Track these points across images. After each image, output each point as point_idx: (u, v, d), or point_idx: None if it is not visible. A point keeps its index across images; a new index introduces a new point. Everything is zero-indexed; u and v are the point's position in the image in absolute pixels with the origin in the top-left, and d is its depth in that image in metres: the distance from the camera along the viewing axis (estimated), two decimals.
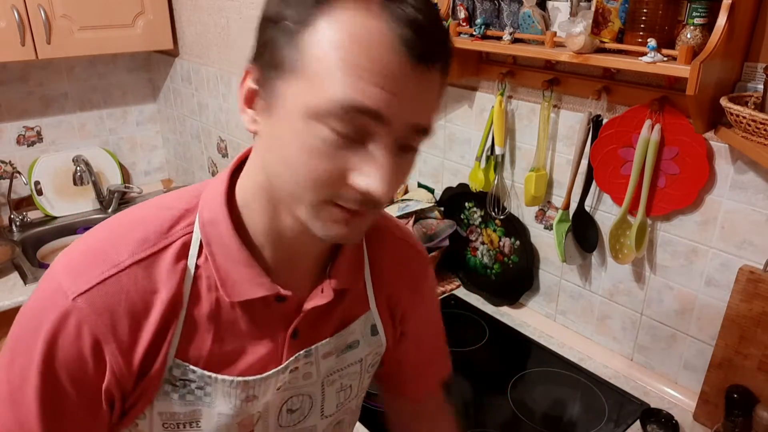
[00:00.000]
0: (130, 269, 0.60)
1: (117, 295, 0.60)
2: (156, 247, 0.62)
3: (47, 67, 2.24)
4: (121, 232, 0.63)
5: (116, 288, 0.60)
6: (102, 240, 0.63)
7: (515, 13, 1.33)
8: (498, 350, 1.55)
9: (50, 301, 0.60)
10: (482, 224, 1.73)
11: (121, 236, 0.62)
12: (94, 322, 0.59)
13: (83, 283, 0.59)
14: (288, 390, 0.71)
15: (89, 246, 0.63)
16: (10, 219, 2.22)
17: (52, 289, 0.60)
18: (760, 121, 0.97)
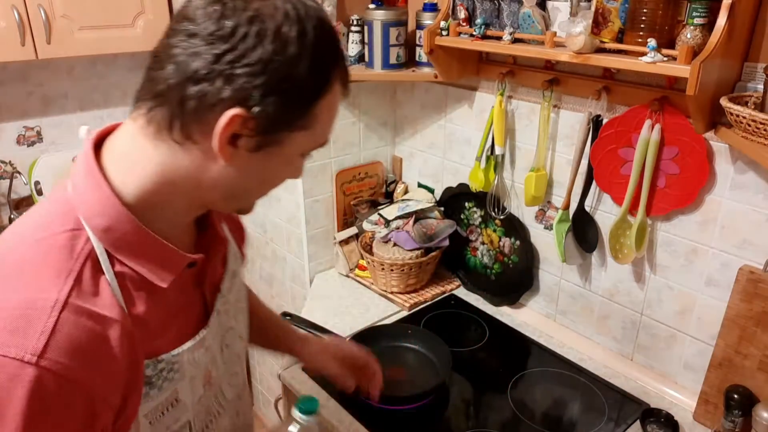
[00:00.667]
0: (68, 306, 0.58)
1: (73, 334, 0.57)
2: (71, 276, 0.60)
3: (47, 67, 2.24)
4: (20, 276, 0.59)
5: (68, 328, 0.57)
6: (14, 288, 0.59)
7: (515, 13, 1.33)
8: (498, 350, 1.55)
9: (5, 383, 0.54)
10: (482, 224, 1.73)
11: (25, 279, 0.59)
12: (73, 371, 0.56)
13: (34, 340, 0.55)
14: (222, 327, 0.80)
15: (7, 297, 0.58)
16: (10, 219, 2.22)
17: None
18: (760, 121, 0.97)
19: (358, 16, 1.65)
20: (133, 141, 0.64)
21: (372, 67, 1.64)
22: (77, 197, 0.64)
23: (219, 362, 0.80)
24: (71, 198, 0.64)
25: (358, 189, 1.93)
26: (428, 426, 1.30)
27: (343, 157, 1.86)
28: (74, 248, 0.61)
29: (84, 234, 0.62)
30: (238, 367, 0.87)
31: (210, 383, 0.78)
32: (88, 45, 1.98)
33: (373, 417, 1.29)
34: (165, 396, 0.69)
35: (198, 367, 0.74)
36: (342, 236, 1.86)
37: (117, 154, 0.65)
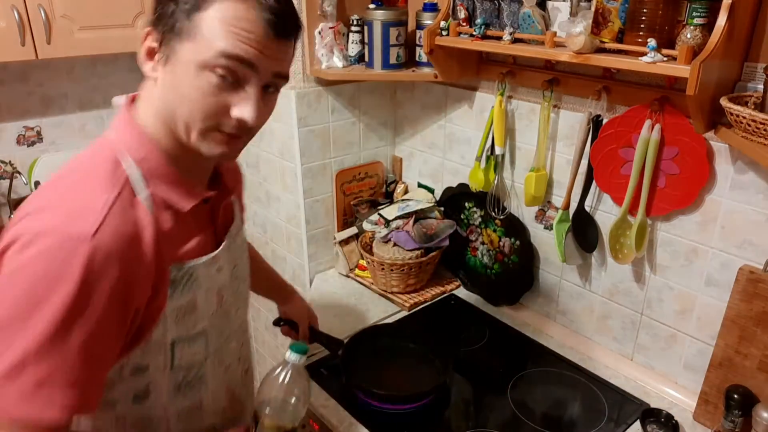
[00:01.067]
0: (113, 207, 0.74)
1: (117, 226, 0.74)
2: (116, 188, 0.76)
3: (47, 67, 2.24)
4: (79, 186, 0.77)
5: (115, 220, 0.74)
6: (68, 195, 0.76)
7: (515, 13, 1.33)
8: (498, 350, 1.55)
9: (67, 252, 0.70)
10: (482, 224, 1.73)
11: (82, 187, 0.76)
12: (117, 252, 0.73)
13: (90, 224, 0.72)
14: (230, 262, 0.95)
15: (61, 200, 0.75)
16: (10, 219, 2.22)
17: (59, 245, 0.70)
18: (760, 121, 0.97)
19: (358, 16, 1.65)
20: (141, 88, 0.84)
21: (372, 67, 1.64)
22: (117, 138, 0.81)
23: (229, 290, 0.96)
24: (112, 140, 0.81)
25: (358, 189, 1.93)
26: (428, 426, 1.30)
27: (343, 157, 1.86)
28: (116, 172, 0.78)
29: (122, 165, 0.79)
30: (243, 307, 1.04)
31: (222, 305, 0.93)
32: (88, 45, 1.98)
33: (373, 417, 1.29)
34: (186, 299, 0.85)
35: (212, 282, 0.89)
36: (342, 236, 1.86)
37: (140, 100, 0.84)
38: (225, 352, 0.97)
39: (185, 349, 0.88)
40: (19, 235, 0.72)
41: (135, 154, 0.80)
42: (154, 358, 0.85)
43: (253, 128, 0.81)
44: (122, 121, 0.83)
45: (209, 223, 0.91)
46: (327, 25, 1.63)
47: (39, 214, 0.74)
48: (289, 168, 1.80)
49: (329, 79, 1.70)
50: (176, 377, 0.89)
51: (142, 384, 0.86)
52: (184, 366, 0.89)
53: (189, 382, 0.91)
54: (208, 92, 0.75)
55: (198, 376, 0.92)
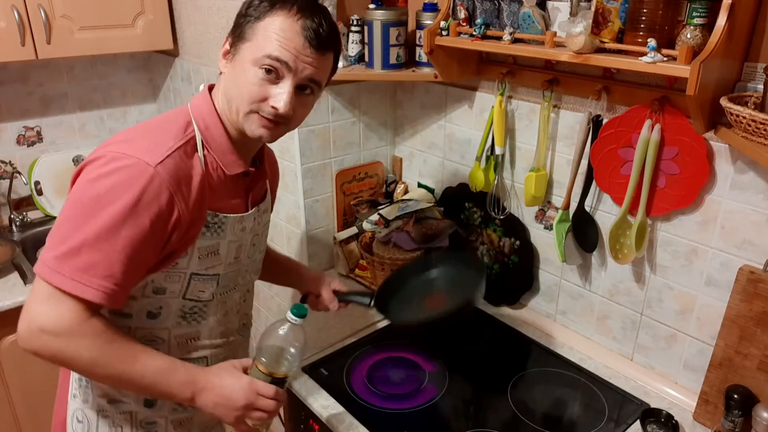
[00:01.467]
0: (176, 151, 0.97)
1: (176, 165, 0.96)
2: (182, 140, 0.99)
3: (47, 67, 2.24)
4: (156, 131, 1.00)
5: (175, 161, 0.96)
6: (146, 135, 0.99)
7: (515, 13, 1.33)
8: (498, 350, 1.55)
9: (136, 172, 0.91)
10: (482, 224, 1.73)
11: (158, 132, 0.99)
12: (169, 181, 0.94)
13: (157, 156, 0.94)
14: (252, 231, 1.14)
15: (141, 137, 0.98)
16: (10, 219, 2.22)
17: (130, 165, 0.91)
18: (760, 121, 0.97)
19: (358, 16, 1.65)
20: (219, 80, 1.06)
21: (372, 67, 1.64)
22: (193, 107, 1.05)
23: (246, 252, 1.14)
24: (189, 108, 1.05)
25: (358, 189, 1.93)
26: (428, 426, 1.30)
27: (343, 157, 1.86)
28: (186, 129, 1.01)
29: (192, 126, 1.02)
30: (253, 272, 1.22)
31: (238, 260, 1.12)
32: (88, 45, 1.98)
33: (373, 417, 1.29)
34: (212, 242, 1.05)
35: (235, 237, 1.09)
36: (342, 236, 1.86)
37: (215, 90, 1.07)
38: (228, 299, 1.15)
39: (198, 284, 1.06)
40: (104, 154, 0.93)
41: (201, 123, 1.03)
42: (173, 283, 1.04)
43: (288, 119, 1.01)
44: (201, 97, 1.06)
45: (244, 193, 1.11)
46: None
47: (123, 143, 0.95)
48: (289, 168, 1.80)
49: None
50: (184, 305, 1.07)
51: (156, 304, 1.05)
52: (193, 298, 1.07)
53: (193, 313, 1.09)
54: (254, 83, 0.97)
55: (201, 310, 1.10)
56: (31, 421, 1.96)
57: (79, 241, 0.90)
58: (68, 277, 0.90)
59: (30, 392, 1.93)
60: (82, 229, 0.90)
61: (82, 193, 0.92)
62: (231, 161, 1.04)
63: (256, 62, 0.96)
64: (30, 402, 1.94)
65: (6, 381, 1.87)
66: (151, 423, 1.14)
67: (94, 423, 1.13)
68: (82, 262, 0.90)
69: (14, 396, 1.90)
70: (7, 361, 1.85)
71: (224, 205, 1.06)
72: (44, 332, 0.91)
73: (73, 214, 0.91)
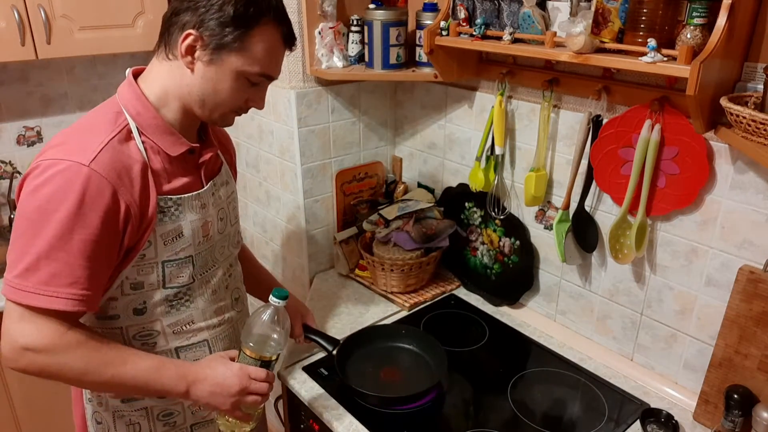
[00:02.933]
0: (110, 143, 0.95)
1: (112, 158, 0.94)
2: (115, 131, 0.97)
3: (47, 67, 2.24)
4: (86, 129, 0.98)
5: (110, 154, 0.94)
6: (77, 135, 0.96)
7: (515, 13, 1.33)
8: (498, 350, 1.55)
9: (70, 175, 0.90)
10: (482, 224, 1.73)
11: (89, 130, 0.97)
12: (109, 176, 0.92)
13: (89, 154, 0.92)
14: (215, 206, 1.14)
15: (72, 139, 0.95)
16: (10, 219, 2.22)
17: (65, 170, 0.90)
18: (760, 121, 0.97)
19: (358, 16, 1.65)
20: (152, 65, 1.04)
21: (372, 67, 1.64)
22: (120, 97, 1.03)
23: (216, 227, 1.14)
24: (117, 98, 1.03)
25: (358, 189, 1.93)
26: (428, 426, 1.30)
27: (343, 157, 1.86)
28: (117, 120, 0.99)
29: (123, 115, 1.00)
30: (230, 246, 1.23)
31: (208, 238, 1.12)
32: (88, 45, 1.98)
33: (373, 417, 1.29)
34: (173, 226, 1.04)
35: (196, 215, 1.07)
36: (342, 236, 1.86)
37: (145, 75, 1.05)
38: (212, 278, 1.15)
39: (173, 269, 1.06)
40: (38, 165, 0.93)
41: (132, 110, 1.01)
42: (147, 276, 1.04)
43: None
44: (127, 84, 1.04)
45: (195, 171, 1.10)
46: (327, 25, 1.63)
47: (55, 149, 0.94)
48: (289, 168, 1.80)
49: (329, 79, 1.70)
50: (167, 294, 1.07)
51: (139, 299, 1.05)
52: (174, 285, 1.08)
53: (178, 299, 1.09)
54: (239, 90, 1.01)
55: (186, 294, 1.10)
56: (31, 421, 1.96)
57: (35, 255, 0.90)
58: (33, 292, 0.90)
59: (30, 392, 1.92)
60: (35, 243, 0.90)
61: (25, 208, 0.92)
62: (171, 142, 1.03)
63: (245, 74, 0.99)
64: (30, 402, 1.94)
65: (6, 381, 1.87)
66: (169, 414, 1.15)
67: (111, 424, 1.14)
68: (43, 274, 0.90)
69: (14, 396, 1.90)
70: None
71: (176, 187, 1.05)
72: (27, 350, 0.92)
73: (23, 231, 0.91)
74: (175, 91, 1.02)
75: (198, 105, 1.02)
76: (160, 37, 1.02)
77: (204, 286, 1.13)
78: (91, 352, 0.95)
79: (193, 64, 0.98)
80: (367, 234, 1.82)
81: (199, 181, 1.10)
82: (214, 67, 0.98)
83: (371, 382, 1.39)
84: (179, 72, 1.00)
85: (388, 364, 1.46)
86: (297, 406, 1.43)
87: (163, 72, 1.02)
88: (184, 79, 1.00)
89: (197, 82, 1.00)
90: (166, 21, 1.00)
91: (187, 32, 0.96)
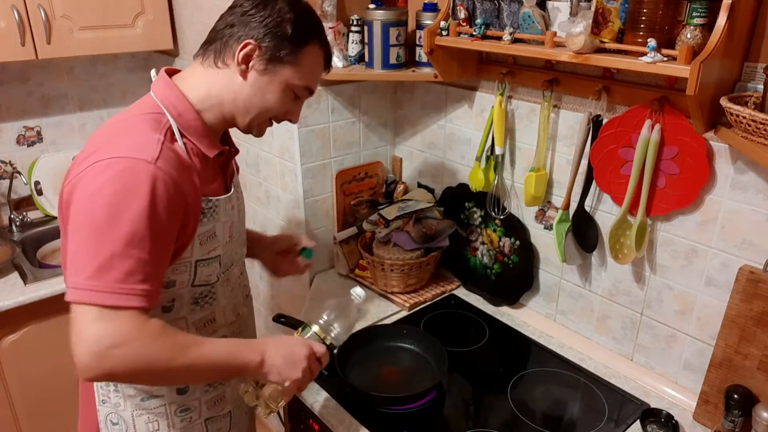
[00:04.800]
0: (165, 143, 0.97)
1: (170, 157, 0.96)
2: (163, 131, 0.99)
3: (47, 67, 2.24)
4: (132, 129, 0.99)
5: (168, 152, 0.96)
6: (125, 135, 0.97)
7: (515, 13, 1.33)
8: (498, 350, 1.55)
9: (137, 172, 0.91)
10: (482, 224, 1.73)
11: (136, 130, 0.98)
12: (173, 174, 0.95)
13: (153, 152, 0.94)
14: (236, 207, 1.18)
15: (121, 139, 0.96)
16: (10, 219, 2.22)
17: (130, 167, 0.91)
18: (760, 121, 0.97)
19: (358, 16, 1.65)
20: (193, 70, 1.08)
21: (372, 67, 1.64)
22: (159, 96, 1.04)
23: (236, 226, 1.18)
24: (154, 98, 1.04)
25: (358, 189, 1.93)
26: (428, 426, 1.30)
27: (343, 157, 1.86)
28: (160, 122, 1.01)
29: (164, 116, 1.02)
30: (242, 245, 1.26)
31: (231, 238, 1.15)
32: (88, 45, 1.98)
33: (373, 417, 1.29)
34: (209, 227, 1.07)
35: (227, 216, 1.12)
36: (342, 236, 1.86)
37: (184, 77, 1.08)
38: (231, 276, 1.20)
39: (204, 269, 1.09)
40: (93, 166, 0.91)
41: (173, 110, 1.03)
42: (180, 275, 1.06)
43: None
44: (165, 84, 1.06)
45: (221, 173, 1.14)
46: (327, 25, 1.63)
47: (108, 148, 0.93)
48: (289, 168, 1.80)
49: (329, 79, 1.69)
50: (195, 292, 1.10)
51: (168, 298, 1.07)
52: (202, 283, 1.10)
53: (204, 297, 1.12)
54: (284, 102, 1.08)
55: (211, 293, 1.13)
56: (31, 421, 1.96)
57: (108, 254, 0.88)
58: (110, 291, 0.88)
59: (30, 392, 1.93)
60: (106, 242, 0.89)
61: (90, 210, 0.90)
62: (208, 144, 1.06)
63: (293, 87, 1.06)
64: (30, 402, 1.94)
65: (6, 381, 1.87)
66: (186, 410, 1.17)
67: (131, 422, 1.15)
68: (118, 273, 0.89)
69: (14, 396, 1.90)
70: (7, 361, 1.85)
71: (212, 189, 1.08)
72: (114, 347, 0.88)
73: (91, 232, 0.89)
74: (220, 96, 1.05)
75: (242, 111, 1.06)
76: (207, 44, 1.06)
77: (225, 285, 1.17)
78: (171, 338, 0.95)
79: (247, 72, 1.03)
80: (367, 234, 1.82)
81: (223, 183, 1.14)
82: (267, 76, 1.04)
83: (372, 381, 1.39)
84: (227, 79, 1.04)
85: (388, 363, 1.46)
86: (297, 405, 1.43)
87: (209, 77, 1.05)
88: (233, 86, 1.05)
89: (247, 90, 1.05)
90: (219, 31, 1.05)
91: (246, 41, 1.01)
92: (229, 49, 1.03)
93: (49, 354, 1.91)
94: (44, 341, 1.89)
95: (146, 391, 1.12)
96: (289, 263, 1.42)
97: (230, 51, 1.03)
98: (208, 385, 1.18)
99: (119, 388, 1.13)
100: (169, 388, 1.13)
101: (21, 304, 1.79)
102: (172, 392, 1.14)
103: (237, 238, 1.20)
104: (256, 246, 1.40)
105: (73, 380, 1.97)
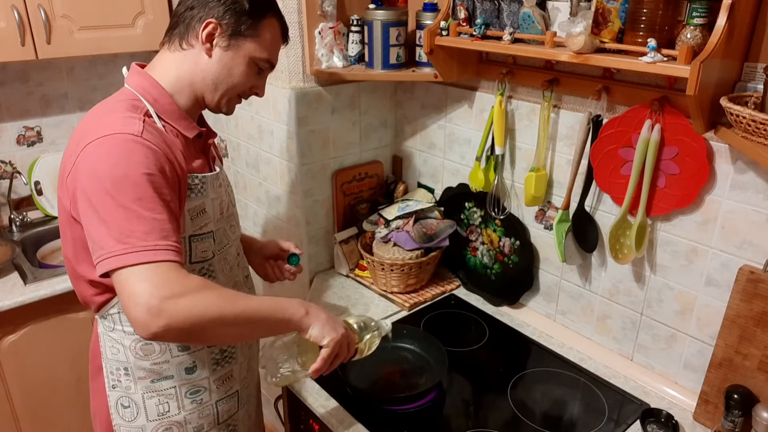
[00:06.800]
0: (146, 122, 1.02)
1: (153, 133, 1.01)
2: (141, 115, 1.03)
3: (47, 67, 2.24)
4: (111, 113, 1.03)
5: (150, 129, 1.01)
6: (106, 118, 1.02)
7: (515, 13, 1.33)
8: (498, 350, 1.55)
9: (126, 142, 0.96)
10: (482, 224, 1.73)
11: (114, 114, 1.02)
12: (159, 144, 1.00)
13: (136, 128, 0.99)
14: (223, 184, 1.21)
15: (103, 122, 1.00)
16: (10, 219, 2.22)
17: (120, 140, 0.96)
18: (760, 121, 0.97)
19: (358, 16, 1.65)
20: (161, 56, 1.13)
21: (372, 67, 1.64)
22: (134, 86, 1.09)
23: (227, 205, 1.22)
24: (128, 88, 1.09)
25: (358, 189, 1.93)
26: (428, 426, 1.30)
27: (343, 157, 1.86)
28: (138, 107, 1.06)
29: (140, 102, 1.07)
30: (236, 225, 1.30)
31: (223, 214, 1.19)
32: (88, 45, 1.98)
33: (373, 417, 1.29)
34: (198, 202, 1.11)
35: (215, 193, 1.15)
36: (342, 236, 1.86)
37: (154, 66, 1.13)
38: (228, 254, 1.22)
39: (198, 244, 1.13)
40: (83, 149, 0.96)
41: (149, 96, 1.08)
42: None
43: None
44: (138, 74, 1.11)
45: (203, 154, 1.18)
46: (327, 25, 1.63)
47: (91, 133, 0.98)
48: (289, 168, 1.80)
49: (329, 79, 1.70)
50: (193, 269, 1.13)
51: None
52: (199, 260, 1.14)
53: (203, 274, 1.15)
54: (249, 75, 1.12)
55: (209, 270, 1.16)
56: (31, 421, 1.96)
57: (124, 221, 0.92)
58: (138, 251, 0.91)
59: (30, 392, 1.93)
60: (119, 212, 0.92)
61: (94, 189, 0.94)
62: (185, 125, 1.11)
63: (255, 60, 1.11)
64: (30, 402, 1.94)
65: (6, 381, 1.87)
66: (196, 391, 1.19)
67: (141, 405, 1.16)
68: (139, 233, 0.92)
69: (14, 396, 1.90)
70: (7, 361, 1.85)
71: (196, 166, 1.12)
72: (168, 299, 0.89)
73: (102, 207, 0.93)
74: (189, 77, 1.10)
75: (210, 89, 1.11)
76: (171, 29, 1.11)
77: (222, 262, 1.20)
78: (218, 289, 0.97)
79: (212, 50, 1.09)
80: (367, 234, 1.82)
81: (207, 163, 1.18)
82: (231, 51, 1.09)
83: (372, 381, 1.39)
84: (194, 59, 1.09)
85: (388, 364, 1.46)
86: (297, 405, 1.43)
87: (176, 61, 1.10)
88: (200, 65, 1.10)
89: (214, 67, 1.10)
90: (179, 15, 1.10)
91: (207, 21, 1.07)
92: (192, 30, 1.08)
93: (49, 354, 1.91)
94: (44, 341, 1.89)
95: (156, 372, 1.14)
96: (277, 269, 1.45)
97: (193, 32, 1.08)
98: (215, 363, 1.20)
99: (130, 371, 1.14)
100: (178, 369, 1.15)
101: (21, 304, 1.79)
102: (182, 372, 1.16)
103: (228, 215, 1.23)
104: (247, 251, 1.41)
105: (72, 380, 1.98)
